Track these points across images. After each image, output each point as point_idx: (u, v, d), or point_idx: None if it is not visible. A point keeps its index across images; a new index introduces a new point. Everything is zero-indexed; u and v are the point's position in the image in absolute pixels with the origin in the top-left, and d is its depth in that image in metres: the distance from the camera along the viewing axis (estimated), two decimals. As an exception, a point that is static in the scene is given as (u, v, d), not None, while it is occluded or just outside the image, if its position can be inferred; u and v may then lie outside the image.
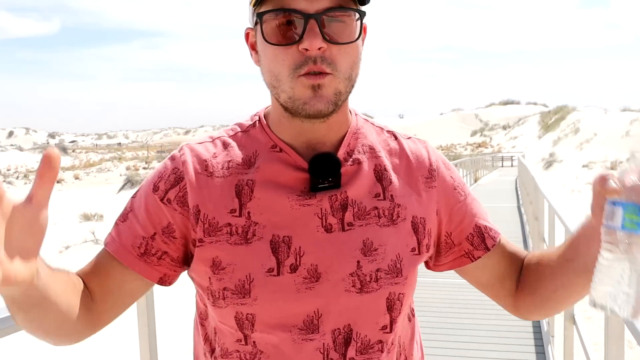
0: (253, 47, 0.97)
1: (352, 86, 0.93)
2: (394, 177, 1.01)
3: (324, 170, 0.94)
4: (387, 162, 1.02)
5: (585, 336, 2.98)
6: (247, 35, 0.99)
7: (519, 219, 11.67)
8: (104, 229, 18.25)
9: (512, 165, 35.41)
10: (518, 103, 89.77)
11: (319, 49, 0.87)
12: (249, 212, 0.93)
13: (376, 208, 0.98)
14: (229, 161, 0.97)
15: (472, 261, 1.06)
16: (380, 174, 1.00)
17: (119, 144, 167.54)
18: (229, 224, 0.93)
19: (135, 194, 1.00)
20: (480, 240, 1.06)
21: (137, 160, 55.64)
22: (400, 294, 0.97)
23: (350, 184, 0.97)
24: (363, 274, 0.94)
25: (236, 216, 0.93)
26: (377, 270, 0.95)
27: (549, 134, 50.89)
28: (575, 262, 0.92)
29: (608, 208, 0.78)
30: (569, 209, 4.10)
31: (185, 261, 0.98)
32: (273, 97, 0.96)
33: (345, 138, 1.00)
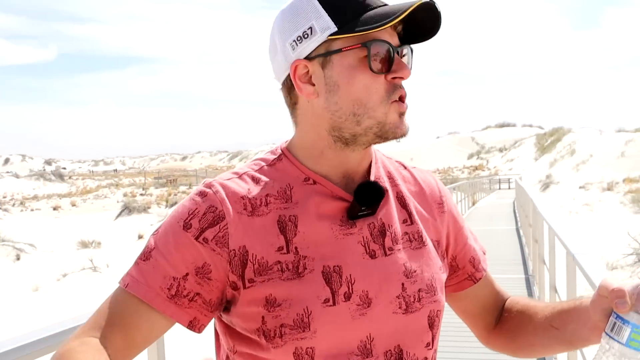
0: (302, 80, 0.96)
1: None
2: (414, 203, 1.07)
3: (370, 197, 0.97)
4: (404, 189, 1.07)
5: (587, 355, 2.97)
6: (295, 68, 0.96)
7: (518, 241, 11.65)
8: (102, 256, 18.16)
9: (509, 188, 35.47)
10: (514, 125, 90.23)
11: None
12: (296, 247, 0.94)
13: (406, 233, 1.02)
14: (266, 196, 0.96)
15: (474, 283, 1.14)
16: (402, 201, 1.05)
17: (116, 170, 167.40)
18: (279, 262, 0.93)
19: (157, 231, 0.96)
20: (479, 262, 1.15)
21: (134, 186, 55.37)
22: (437, 310, 1.02)
23: (382, 211, 1.01)
24: (407, 295, 0.98)
25: (284, 253, 0.93)
26: (419, 290, 0.99)
27: (545, 155, 51.12)
28: (560, 332, 0.99)
29: (615, 321, 0.84)
30: (567, 231, 4.11)
31: (218, 306, 0.95)
32: (328, 127, 0.97)
33: (372, 166, 1.04)
